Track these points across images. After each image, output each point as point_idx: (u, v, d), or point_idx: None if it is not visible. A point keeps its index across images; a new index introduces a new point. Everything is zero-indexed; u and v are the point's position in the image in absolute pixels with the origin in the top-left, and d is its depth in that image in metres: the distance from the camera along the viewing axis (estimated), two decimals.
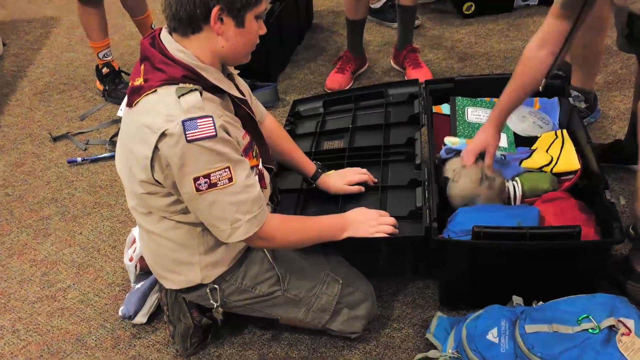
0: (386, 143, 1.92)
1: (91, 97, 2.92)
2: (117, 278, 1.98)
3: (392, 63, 2.89)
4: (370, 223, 1.57)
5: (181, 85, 1.31)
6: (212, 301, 1.54)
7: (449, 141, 1.86)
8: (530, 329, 1.45)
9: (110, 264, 2.04)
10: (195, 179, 1.31)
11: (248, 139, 1.46)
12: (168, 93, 1.31)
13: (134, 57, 3.15)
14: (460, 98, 2.07)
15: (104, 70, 2.86)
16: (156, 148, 1.30)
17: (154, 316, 1.81)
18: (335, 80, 2.74)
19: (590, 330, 1.42)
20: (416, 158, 1.81)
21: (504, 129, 1.96)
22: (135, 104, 1.35)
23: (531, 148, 1.89)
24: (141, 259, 1.77)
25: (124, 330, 1.81)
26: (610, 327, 1.42)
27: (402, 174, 1.80)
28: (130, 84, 1.39)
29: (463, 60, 2.89)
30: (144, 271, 1.80)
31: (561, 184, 1.77)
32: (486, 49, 2.94)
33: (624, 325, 1.42)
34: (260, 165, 1.53)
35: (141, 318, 1.78)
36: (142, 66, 1.36)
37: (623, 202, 1.61)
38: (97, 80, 2.91)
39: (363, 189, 1.76)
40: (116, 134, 2.29)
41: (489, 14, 3.18)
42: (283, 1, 2.85)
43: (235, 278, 1.54)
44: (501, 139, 1.93)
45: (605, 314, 1.44)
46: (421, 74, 2.66)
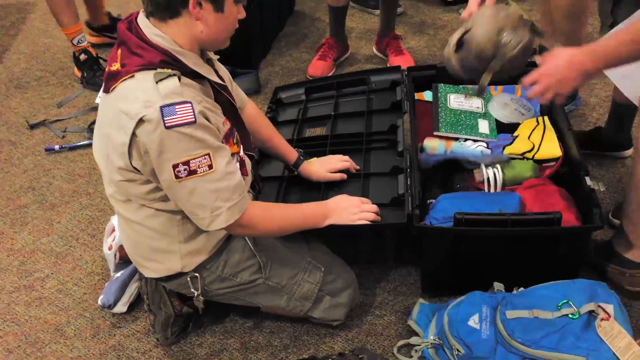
0: (368, 130, 1.92)
1: (69, 84, 2.87)
2: (97, 267, 1.96)
3: (375, 50, 2.88)
4: (353, 210, 1.56)
5: (159, 70, 1.29)
6: (193, 289, 1.53)
7: (428, 146, 1.85)
8: (511, 314, 1.46)
9: (89, 253, 2.01)
10: (175, 166, 1.29)
11: (229, 125, 1.44)
12: (146, 78, 1.28)
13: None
14: (442, 85, 2.07)
15: (82, 56, 2.80)
16: (134, 134, 1.27)
17: (134, 305, 1.79)
18: (317, 67, 2.72)
19: (570, 316, 1.43)
20: (398, 145, 1.80)
21: (487, 116, 1.97)
22: (112, 90, 1.32)
23: (513, 135, 1.89)
24: (121, 247, 1.75)
25: (104, 319, 1.79)
26: (590, 313, 1.43)
27: (384, 161, 1.79)
28: (107, 69, 1.36)
29: (445, 47, 2.87)
30: (124, 260, 1.78)
31: (543, 171, 1.77)
32: None
33: (604, 310, 1.43)
34: (242, 153, 1.51)
35: (121, 307, 1.76)
36: (119, 51, 1.34)
37: (603, 189, 1.63)
38: (75, 67, 2.86)
39: (345, 176, 1.76)
40: (94, 122, 2.27)
41: None
42: None
43: (216, 266, 1.53)
44: (482, 126, 1.94)
45: (585, 299, 1.46)
46: (403, 61, 2.65)
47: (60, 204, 2.22)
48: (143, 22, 1.33)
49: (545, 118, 1.91)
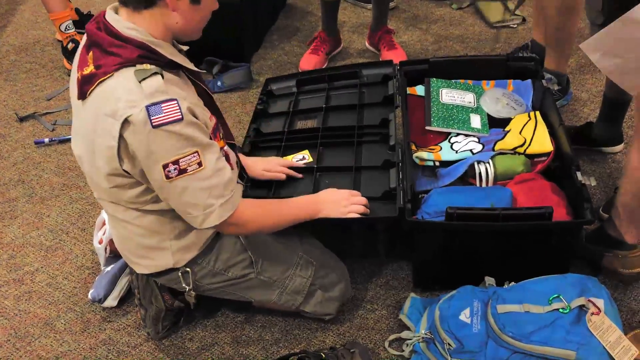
0: (360, 123, 1.91)
1: (59, 77, 2.85)
2: (87, 261, 1.95)
3: (367, 44, 2.87)
4: (342, 203, 1.56)
5: (138, 67, 1.26)
6: (184, 284, 1.52)
7: (417, 158, 1.84)
8: (501, 309, 1.46)
9: (79, 246, 2.00)
10: (165, 166, 1.27)
11: (214, 120, 1.42)
12: (127, 77, 1.25)
13: None
14: (434, 80, 2.06)
15: (70, 46, 2.73)
16: (121, 137, 1.25)
17: (124, 299, 1.78)
18: (309, 61, 2.71)
19: (561, 310, 1.43)
20: (390, 139, 1.80)
21: (479, 111, 1.97)
22: (89, 94, 1.28)
23: (504, 129, 1.90)
24: (111, 241, 1.73)
25: (94, 313, 1.78)
26: (581, 307, 1.44)
27: (376, 154, 1.79)
28: (77, 76, 1.31)
29: (438, 42, 2.88)
30: (114, 254, 1.77)
31: (534, 166, 1.78)
32: (461, 31, 2.94)
33: (594, 305, 1.44)
34: (226, 147, 1.49)
35: (111, 301, 1.75)
36: (91, 53, 1.29)
37: (594, 184, 1.63)
38: (64, 59, 2.82)
39: (284, 176, 1.75)
40: None
41: None
42: None
43: (207, 261, 1.52)
44: (474, 121, 1.94)
45: (575, 293, 1.46)
46: (396, 56, 2.64)
47: (50, 197, 2.20)
48: (113, 18, 1.29)
49: (537, 113, 1.91)
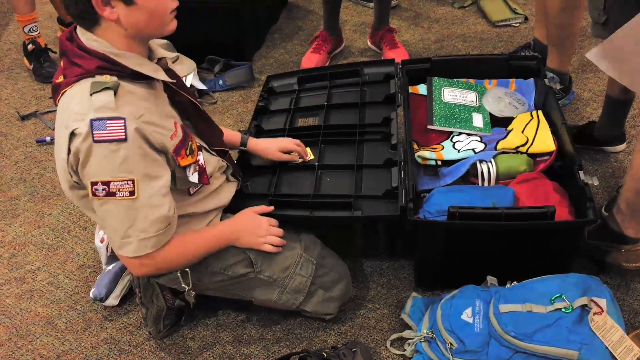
0: (362, 122, 1.91)
1: None
2: (88, 260, 1.94)
3: (369, 43, 2.87)
4: (259, 232, 1.52)
5: (97, 78, 1.25)
6: (184, 284, 1.52)
7: (419, 157, 1.83)
8: (504, 308, 1.46)
9: (80, 245, 2.00)
10: (93, 183, 1.25)
11: (180, 136, 1.37)
12: (83, 89, 1.25)
13: None
14: (436, 78, 2.06)
15: (29, 46, 2.75)
16: (69, 149, 1.25)
17: (126, 298, 1.78)
18: (311, 60, 2.71)
19: (563, 310, 1.43)
20: (392, 138, 1.80)
21: (481, 110, 1.97)
22: (57, 103, 1.30)
23: (507, 129, 1.89)
24: None
25: (96, 312, 1.78)
26: (583, 307, 1.43)
27: (378, 153, 1.78)
28: (52, 82, 1.33)
29: (440, 40, 2.87)
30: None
31: (537, 165, 1.77)
32: (463, 29, 2.93)
33: (597, 304, 1.43)
34: (201, 161, 1.45)
35: (113, 300, 1.75)
36: (62, 62, 1.31)
37: (597, 183, 1.63)
38: (25, 58, 2.82)
39: (297, 157, 1.74)
40: None
41: None
42: None
43: (207, 261, 1.51)
44: (476, 120, 1.94)
45: (578, 293, 1.46)
46: (398, 54, 2.64)
47: (51, 195, 2.20)
48: (80, 30, 1.29)
49: (539, 112, 1.91)
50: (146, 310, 1.65)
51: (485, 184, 1.74)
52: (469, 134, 1.90)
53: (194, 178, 1.41)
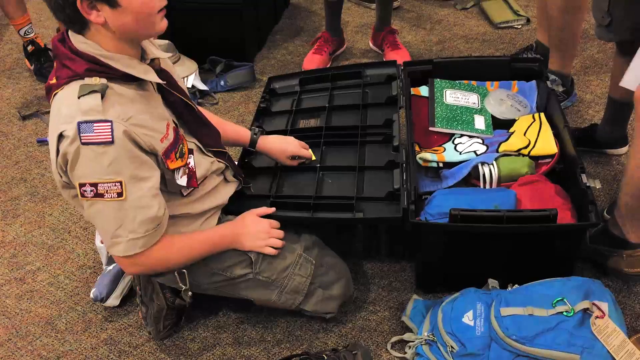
0: (363, 123, 1.90)
1: None
2: (89, 260, 1.94)
3: (371, 44, 2.87)
4: (260, 236, 1.52)
5: (86, 81, 1.25)
6: (181, 284, 1.52)
7: (420, 159, 1.83)
8: (505, 311, 1.46)
9: (81, 245, 2.00)
10: (81, 185, 1.27)
11: (171, 139, 1.37)
12: (71, 91, 1.26)
13: None
14: (438, 80, 2.05)
15: (29, 48, 2.79)
16: (57, 150, 1.26)
17: (126, 299, 1.78)
18: (312, 61, 2.71)
19: (565, 313, 1.43)
20: (394, 140, 1.79)
21: (483, 112, 1.96)
22: (50, 104, 1.31)
23: (509, 131, 1.89)
24: None
25: (96, 313, 1.77)
26: (585, 310, 1.43)
27: (380, 155, 1.78)
28: (46, 84, 1.34)
29: (442, 42, 2.87)
30: None
31: (539, 168, 1.77)
32: (465, 31, 2.93)
33: (598, 308, 1.43)
34: (191, 164, 1.44)
35: (113, 301, 1.75)
36: (55, 64, 1.32)
37: (599, 186, 1.62)
38: (26, 59, 2.85)
39: (300, 159, 1.76)
40: None
41: None
42: None
43: (205, 261, 1.51)
44: (478, 122, 1.93)
45: (579, 297, 1.45)
46: (400, 56, 2.64)
47: (52, 196, 2.20)
48: (72, 32, 1.29)
49: (541, 114, 1.90)
50: (146, 309, 1.65)
51: (487, 186, 1.73)
52: (470, 136, 1.90)
53: (182, 181, 1.41)
